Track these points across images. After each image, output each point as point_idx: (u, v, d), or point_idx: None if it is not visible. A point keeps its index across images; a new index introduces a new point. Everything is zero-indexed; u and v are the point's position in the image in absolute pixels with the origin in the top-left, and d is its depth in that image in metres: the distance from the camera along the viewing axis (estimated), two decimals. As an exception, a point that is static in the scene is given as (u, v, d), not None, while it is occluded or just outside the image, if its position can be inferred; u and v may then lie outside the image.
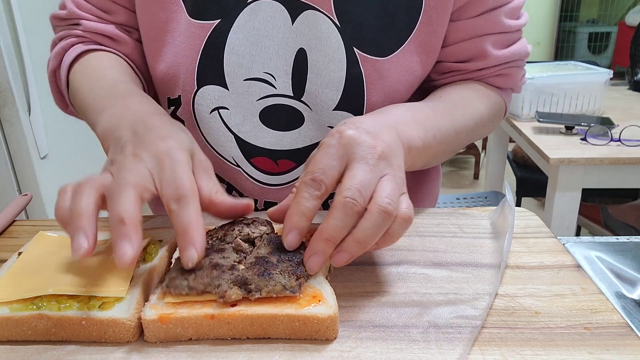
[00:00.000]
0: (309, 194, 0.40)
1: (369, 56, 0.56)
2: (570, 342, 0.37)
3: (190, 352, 0.37)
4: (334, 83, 0.56)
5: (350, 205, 0.39)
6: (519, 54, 0.62)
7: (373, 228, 0.39)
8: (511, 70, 0.63)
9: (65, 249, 0.46)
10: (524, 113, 1.58)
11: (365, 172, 0.40)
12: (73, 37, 0.62)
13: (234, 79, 0.57)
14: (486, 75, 0.62)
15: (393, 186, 0.40)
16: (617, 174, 1.31)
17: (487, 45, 0.59)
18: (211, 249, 0.43)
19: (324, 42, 0.55)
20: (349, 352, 0.37)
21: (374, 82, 0.57)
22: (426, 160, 0.53)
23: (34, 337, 0.39)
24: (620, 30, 4.99)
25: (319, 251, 0.39)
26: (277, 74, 0.57)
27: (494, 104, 0.63)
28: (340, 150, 0.41)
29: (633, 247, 0.54)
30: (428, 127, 0.50)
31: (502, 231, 0.50)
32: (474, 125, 0.59)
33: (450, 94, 0.60)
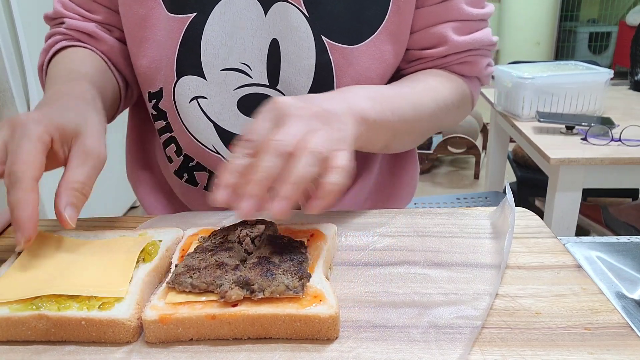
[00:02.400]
0: (239, 153, 0.41)
1: (338, 44, 0.58)
2: (571, 343, 0.37)
3: (190, 352, 0.37)
4: (305, 70, 0.59)
5: (275, 145, 0.40)
6: (482, 41, 0.63)
7: (303, 167, 0.39)
8: (475, 58, 0.64)
9: (65, 248, 0.46)
10: (524, 113, 1.57)
11: (296, 125, 0.42)
12: (58, 35, 0.65)
13: (211, 69, 0.60)
14: (450, 62, 0.64)
15: (326, 137, 0.42)
16: (617, 173, 1.31)
17: (448, 31, 0.61)
18: (219, 248, 0.43)
19: (294, 32, 0.57)
20: (349, 352, 0.37)
21: (343, 69, 0.59)
22: (386, 137, 0.55)
23: (33, 337, 0.39)
24: (620, 30, 4.99)
25: (249, 194, 0.39)
26: (252, 64, 0.59)
27: (459, 90, 0.64)
28: (272, 112, 0.43)
29: (633, 247, 0.54)
30: (384, 104, 0.52)
31: (503, 231, 0.50)
32: (436, 108, 0.60)
33: (413, 78, 0.62)
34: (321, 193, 0.40)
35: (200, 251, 0.43)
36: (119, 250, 0.45)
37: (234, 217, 0.57)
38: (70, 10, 0.65)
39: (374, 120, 0.50)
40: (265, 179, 0.39)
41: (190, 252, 0.44)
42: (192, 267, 0.41)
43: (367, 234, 0.53)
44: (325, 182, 0.40)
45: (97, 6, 0.64)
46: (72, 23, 0.64)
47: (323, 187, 0.40)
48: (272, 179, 0.40)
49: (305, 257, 0.42)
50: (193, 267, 0.41)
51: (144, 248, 0.46)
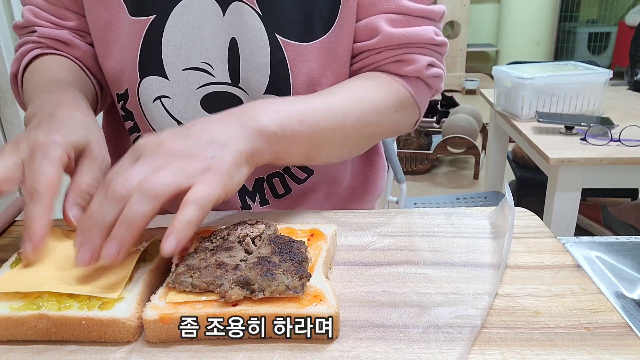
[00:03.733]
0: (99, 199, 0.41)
1: (292, 42, 0.59)
2: (570, 342, 0.37)
3: (191, 352, 0.37)
4: (261, 68, 0.59)
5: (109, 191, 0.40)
6: (419, 37, 0.59)
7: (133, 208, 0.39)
8: (411, 56, 0.60)
9: (69, 246, 0.46)
10: (524, 113, 1.58)
11: (143, 166, 0.42)
12: (31, 43, 0.65)
13: (173, 69, 0.61)
14: (385, 59, 0.61)
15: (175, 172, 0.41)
16: (616, 173, 1.31)
17: (380, 22, 0.59)
18: (219, 248, 0.43)
19: (249, 30, 0.58)
20: (349, 352, 0.37)
21: (298, 66, 0.60)
22: (302, 148, 0.53)
23: (34, 337, 0.39)
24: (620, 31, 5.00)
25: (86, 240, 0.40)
26: (214, 63, 0.60)
27: (393, 92, 0.61)
28: (133, 153, 0.44)
29: (633, 247, 0.54)
30: (292, 115, 0.51)
31: (502, 231, 0.50)
32: (363, 114, 0.57)
33: (338, 86, 0.60)
34: (171, 230, 0.39)
35: (200, 251, 0.43)
36: None
37: (234, 217, 0.57)
38: (42, 18, 0.65)
39: (274, 133, 0.48)
40: (98, 226, 0.40)
41: (191, 251, 0.44)
42: (193, 266, 0.41)
43: (367, 234, 0.53)
44: (175, 219, 0.39)
45: (69, 13, 0.65)
46: (45, 31, 0.64)
47: (173, 224, 0.39)
48: (106, 226, 0.40)
49: (305, 257, 0.42)
50: (193, 266, 0.41)
51: (145, 248, 0.46)
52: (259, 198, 0.66)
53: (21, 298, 0.40)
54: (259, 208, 0.67)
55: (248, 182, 0.65)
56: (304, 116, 0.52)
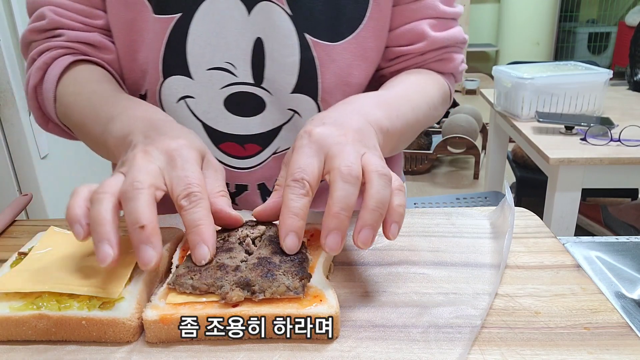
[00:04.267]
0: (295, 194, 0.40)
1: (321, 41, 0.59)
2: (570, 342, 0.37)
3: (191, 352, 0.37)
4: (289, 68, 0.59)
5: (346, 172, 0.39)
6: (456, 38, 0.65)
7: (380, 191, 0.39)
8: (450, 55, 0.66)
9: (71, 246, 0.47)
10: (524, 113, 1.58)
11: (348, 152, 0.41)
12: (57, 49, 0.60)
13: (197, 68, 0.60)
14: (428, 59, 0.65)
15: (377, 158, 0.41)
16: (616, 173, 1.31)
17: (426, 28, 0.63)
18: (220, 249, 0.43)
19: (277, 30, 0.58)
20: (349, 352, 0.37)
21: (326, 66, 0.60)
22: (395, 142, 0.54)
23: (34, 337, 0.39)
24: (620, 31, 5.00)
25: (333, 227, 0.39)
26: (237, 62, 0.60)
27: (441, 88, 0.65)
28: (313, 147, 0.42)
29: (633, 247, 0.54)
30: (392, 110, 0.52)
31: (502, 231, 0.50)
32: (427, 108, 0.61)
33: (405, 79, 0.63)
34: (395, 217, 0.40)
35: (200, 251, 0.43)
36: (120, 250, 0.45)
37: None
38: (69, 18, 0.60)
39: (387, 129, 0.49)
40: (345, 209, 0.39)
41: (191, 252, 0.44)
42: (193, 268, 0.41)
43: (367, 234, 0.53)
44: (394, 206, 0.40)
45: (98, 11, 0.60)
46: (74, 34, 0.60)
47: (395, 211, 0.40)
48: (352, 208, 0.39)
49: (305, 258, 0.42)
50: (194, 268, 0.41)
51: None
52: None
53: (21, 298, 0.40)
54: None
55: (270, 183, 0.65)
56: (399, 111, 0.54)
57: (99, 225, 0.37)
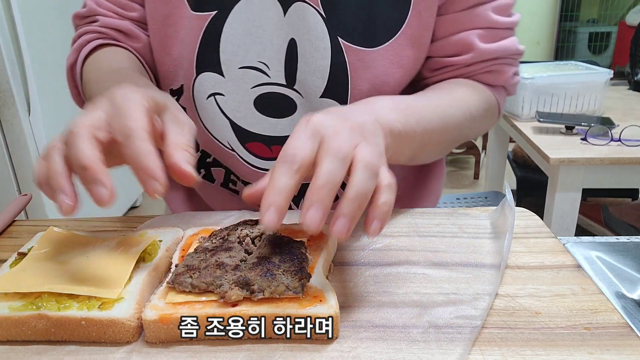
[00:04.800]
0: (283, 171, 0.38)
1: (354, 46, 0.58)
2: (571, 343, 0.37)
3: (190, 352, 0.37)
4: (320, 71, 0.59)
5: (335, 149, 0.38)
6: (508, 50, 0.62)
7: (362, 182, 0.37)
8: (501, 67, 0.63)
9: (70, 246, 0.47)
10: (524, 113, 1.57)
11: (342, 137, 0.39)
12: (92, 33, 0.65)
13: (229, 66, 0.60)
14: (476, 71, 0.63)
15: (371, 150, 0.40)
16: (617, 173, 1.31)
17: (474, 39, 0.60)
18: (219, 248, 0.43)
19: (311, 32, 0.57)
20: (349, 352, 0.37)
21: (358, 72, 0.59)
22: (413, 148, 0.53)
23: (33, 337, 0.39)
24: (620, 30, 4.99)
25: (314, 201, 0.36)
26: (270, 63, 0.59)
27: (485, 99, 0.63)
28: (309, 131, 0.40)
29: (633, 247, 0.54)
30: (410, 115, 0.51)
31: (502, 231, 0.50)
32: (463, 119, 0.59)
33: (438, 88, 0.61)
34: (377, 214, 0.38)
35: (200, 251, 0.43)
36: (119, 250, 0.45)
37: (234, 217, 0.57)
38: (105, 8, 0.65)
39: (399, 132, 0.48)
40: (330, 185, 0.37)
41: (191, 252, 0.44)
42: (192, 267, 0.41)
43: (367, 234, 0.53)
44: (379, 203, 0.38)
45: (133, 4, 0.64)
46: (107, 21, 0.64)
47: (378, 208, 0.38)
48: (336, 186, 0.38)
49: (305, 257, 0.42)
50: (193, 267, 0.41)
51: (144, 248, 0.46)
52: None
53: (21, 298, 0.40)
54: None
55: None
56: (420, 117, 0.52)
57: (52, 178, 0.38)
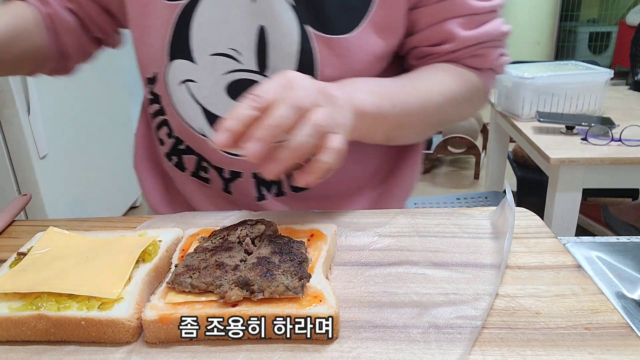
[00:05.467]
0: (244, 105, 0.42)
1: (322, 34, 0.59)
2: (571, 343, 0.37)
3: (190, 352, 0.37)
4: (288, 57, 0.60)
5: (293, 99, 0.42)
6: (491, 34, 0.63)
7: (303, 138, 0.41)
8: (485, 50, 0.64)
9: (70, 246, 0.47)
10: (524, 113, 1.57)
11: (306, 94, 0.43)
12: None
13: (201, 54, 0.61)
14: (460, 57, 0.64)
15: (328, 114, 0.44)
16: (617, 173, 1.31)
17: (454, 28, 0.61)
18: (219, 248, 0.43)
19: (279, 19, 0.58)
20: (349, 352, 0.37)
21: (327, 58, 0.60)
22: (389, 129, 0.56)
23: (33, 337, 0.39)
24: (620, 30, 4.99)
25: (257, 136, 0.41)
26: (242, 49, 0.60)
27: (469, 82, 0.64)
28: (284, 81, 0.44)
29: (633, 247, 0.54)
30: (386, 98, 0.53)
31: (503, 231, 0.50)
32: (443, 101, 0.60)
33: (420, 72, 0.62)
34: (311, 168, 0.42)
35: (200, 251, 0.43)
36: (119, 250, 0.45)
37: (234, 217, 0.57)
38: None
39: (371, 114, 0.51)
40: (277, 126, 0.41)
41: (190, 252, 0.44)
42: (192, 267, 0.41)
43: (367, 234, 0.53)
44: (317, 160, 0.42)
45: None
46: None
47: (314, 163, 0.42)
48: (283, 130, 0.41)
49: (305, 257, 0.42)
50: (193, 267, 0.41)
51: (144, 248, 0.46)
52: (276, 189, 0.66)
53: (20, 298, 0.40)
54: (274, 200, 0.66)
55: None
56: (396, 100, 0.54)
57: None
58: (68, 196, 1.77)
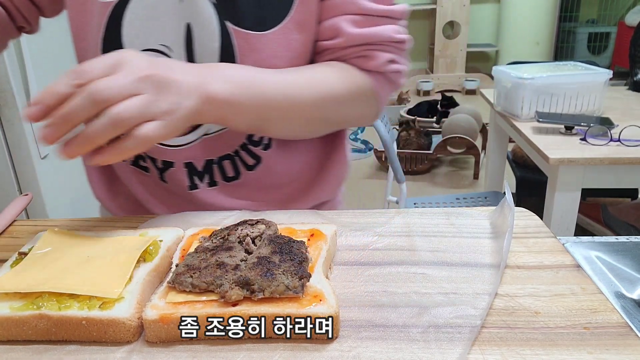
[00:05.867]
0: (65, 80, 0.44)
1: (242, 30, 0.61)
2: (570, 342, 0.37)
3: (191, 352, 0.37)
4: (211, 53, 0.62)
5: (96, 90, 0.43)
6: (380, 36, 0.63)
7: (98, 130, 0.43)
8: (372, 52, 0.64)
9: (71, 246, 0.47)
10: (524, 113, 1.58)
11: (119, 82, 0.44)
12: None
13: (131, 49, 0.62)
14: (349, 55, 0.64)
15: (140, 104, 0.45)
16: (616, 174, 1.31)
17: (343, 24, 0.62)
18: (220, 248, 0.43)
19: (202, 16, 0.61)
20: (349, 351, 0.37)
21: (246, 54, 0.62)
22: (250, 119, 0.57)
23: (34, 337, 0.39)
24: (619, 31, 4.99)
25: (51, 124, 0.43)
26: (173, 46, 0.63)
27: (354, 82, 0.64)
28: (115, 60, 0.46)
29: (633, 247, 0.54)
30: (246, 88, 0.55)
31: (502, 231, 0.50)
32: (319, 98, 0.61)
33: (300, 68, 0.63)
34: (107, 149, 0.44)
35: (200, 251, 0.43)
36: (120, 250, 0.45)
37: (234, 217, 0.57)
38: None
39: (223, 101, 0.53)
40: (67, 116, 0.43)
41: (191, 251, 0.44)
42: (193, 266, 0.41)
43: (367, 234, 0.53)
44: (117, 143, 0.44)
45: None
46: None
47: (112, 146, 0.44)
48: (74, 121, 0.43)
49: (305, 257, 0.42)
50: (193, 266, 0.41)
51: (145, 248, 0.46)
52: (208, 179, 0.68)
53: (21, 298, 0.40)
54: (206, 189, 0.69)
55: (198, 163, 0.67)
56: (254, 88, 0.56)
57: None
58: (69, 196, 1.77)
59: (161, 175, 0.68)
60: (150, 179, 0.69)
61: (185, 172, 0.67)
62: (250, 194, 0.69)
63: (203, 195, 0.68)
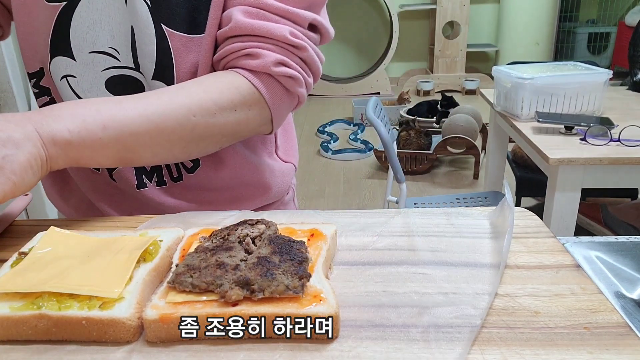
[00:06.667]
0: None
1: (177, 32, 0.62)
2: (570, 342, 0.37)
3: (191, 352, 0.37)
4: (149, 55, 0.63)
5: None
6: (270, 32, 0.59)
7: None
8: (259, 50, 0.60)
9: (71, 246, 0.47)
10: (524, 113, 1.58)
11: None
12: None
13: (80, 51, 0.65)
14: (236, 51, 0.61)
15: None
16: (616, 174, 1.32)
17: (235, 12, 0.61)
18: (220, 247, 0.43)
19: (141, 19, 0.62)
20: (349, 351, 0.37)
21: (182, 56, 0.63)
22: (109, 152, 0.55)
23: (34, 337, 0.39)
24: (619, 31, 5.00)
25: None
26: (120, 48, 0.64)
27: (234, 90, 0.60)
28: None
29: (632, 246, 0.54)
30: (93, 122, 0.53)
31: (502, 231, 0.50)
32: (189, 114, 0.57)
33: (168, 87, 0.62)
34: None
35: (200, 251, 0.43)
36: (120, 250, 0.45)
37: (234, 217, 0.57)
38: None
39: (69, 141, 0.51)
40: None
41: (191, 251, 0.44)
42: (193, 266, 0.41)
43: (367, 234, 0.53)
44: None
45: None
46: None
47: None
48: None
49: (305, 257, 0.42)
50: (193, 266, 0.41)
51: (145, 248, 0.46)
52: (157, 178, 0.70)
53: (21, 298, 0.40)
54: (154, 188, 0.70)
55: None
56: (110, 122, 0.54)
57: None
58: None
59: (110, 174, 0.69)
60: (101, 178, 0.70)
61: (132, 171, 0.69)
62: (195, 194, 0.71)
63: (151, 195, 0.69)
